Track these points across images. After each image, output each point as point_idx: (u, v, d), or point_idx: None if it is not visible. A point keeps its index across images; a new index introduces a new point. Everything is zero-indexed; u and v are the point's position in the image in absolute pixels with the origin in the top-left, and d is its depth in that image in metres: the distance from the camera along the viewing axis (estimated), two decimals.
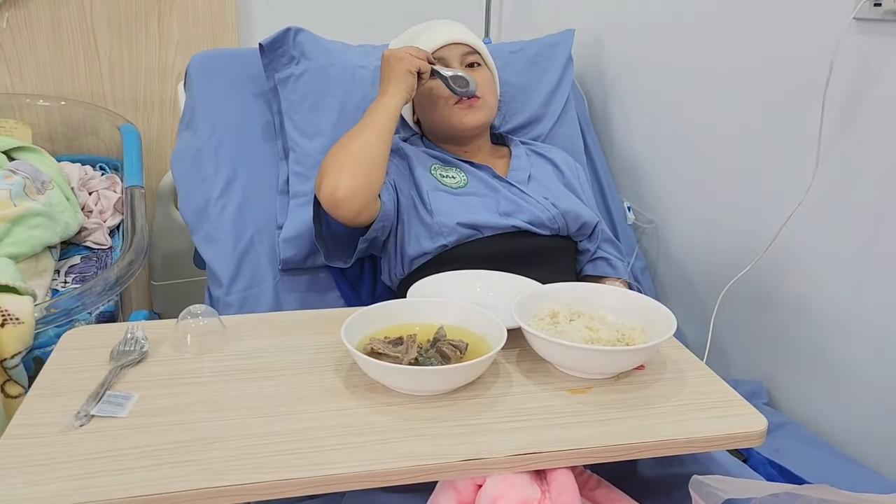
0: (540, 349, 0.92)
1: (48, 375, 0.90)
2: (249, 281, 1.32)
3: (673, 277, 1.62)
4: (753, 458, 1.22)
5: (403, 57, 1.21)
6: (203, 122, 1.40)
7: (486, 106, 1.29)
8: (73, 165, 1.71)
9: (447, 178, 1.26)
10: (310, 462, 0.76)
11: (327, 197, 1.10)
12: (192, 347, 0.96)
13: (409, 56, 1.21)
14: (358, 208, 1.12)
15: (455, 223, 1.19)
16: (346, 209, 1.11)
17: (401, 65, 1.20)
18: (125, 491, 0.70)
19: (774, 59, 1.31)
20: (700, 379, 0.94)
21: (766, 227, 1.31)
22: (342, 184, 1.10)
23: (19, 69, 1.85)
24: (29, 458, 0.74)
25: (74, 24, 1.86)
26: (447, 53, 1.30)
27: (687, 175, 1.54)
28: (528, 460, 0.78)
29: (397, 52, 1.22)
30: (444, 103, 1.28)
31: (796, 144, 1.27)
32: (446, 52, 1.30)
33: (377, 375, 0.88)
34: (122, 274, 1.32)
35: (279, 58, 1.40)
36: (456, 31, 1.32)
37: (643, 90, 1.65)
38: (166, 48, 1.93)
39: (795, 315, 1.32)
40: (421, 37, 1.33)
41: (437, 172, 1.27)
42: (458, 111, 1.28)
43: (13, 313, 1.09)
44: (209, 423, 0.81)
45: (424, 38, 1.32)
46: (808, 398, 1.32)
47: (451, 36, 1.31)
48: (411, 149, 1.32)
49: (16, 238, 1.33)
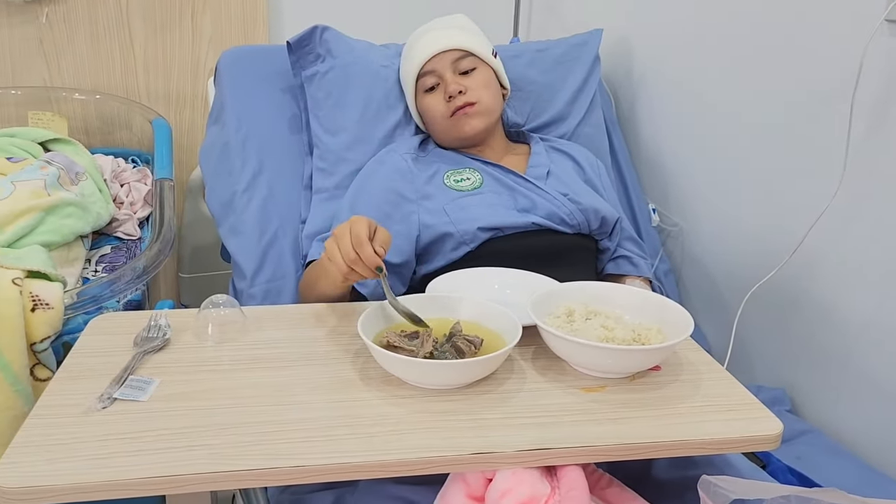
0: (554, 346, 0.92)
1: (74, 359, 0.93)
2: (273, 274, 1.34)
3: (697, 281, 1.60)
4: (773, 465, 1.20)
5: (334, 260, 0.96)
6: (231, 117, 1.42)
7: (483, 110, 1.28)
8: (106, 158, 1.75)
9: (462, 182, 1.26)
10: (321, 450, 0.77)
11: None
12: (213, 336, 0.98)
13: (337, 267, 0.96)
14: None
15: (476, 228, 1.19)
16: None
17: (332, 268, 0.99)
18: (141, 472, 0.72)
19: (803, 60, 1.29)
20: (716, 381, 0.93)
21: (793, 231, 1.30)
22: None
23: (57, 63, 1.90)
24: (52, 437, 0.77)
25: (111, 20, 1.90)
26: (438, 65, 1.30)
27: (713, 177, 1.53)
28: (539, 456, 0.79)
29: (331, 249, 0.97)
30: (440, 118, 1.30)
31: (824, 147, 1.26)
32: (437, 62, 1.30)
33: (392, 368, 0.88)
34: (149, 263, 1.34)
35: (306, 55, 1.41)
36: (445, 38, 1.31)
37: (670, 91, 1.63)
38: (199, 44, 1.97)
39: (820, 321, 1.30)
40: (414, 48, 1.35)
41: (450, 179, 1.27)
42: (454, 123, 1.28)
43: (43, 299, 1.12)
44: (226, 409, 0.83)
45: (416, 51, 1.33)
46: (832, 406, 1.30)
47: (441, 44, 1.30)
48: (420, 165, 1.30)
49: (49, 226, 1.36)
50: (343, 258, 0.94)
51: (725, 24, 1.47)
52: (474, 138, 1.30)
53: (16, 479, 0.70)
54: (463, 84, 1.27)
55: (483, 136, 1.31)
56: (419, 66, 1.31)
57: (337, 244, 0.95)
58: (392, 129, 1.42)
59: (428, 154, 1.34)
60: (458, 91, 1.27)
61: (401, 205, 1.23)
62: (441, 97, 1.29)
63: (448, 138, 1.32)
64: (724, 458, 1.01)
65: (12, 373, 1.08)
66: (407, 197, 1.24)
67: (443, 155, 1.33)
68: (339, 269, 0.95)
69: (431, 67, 1.30)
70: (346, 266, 0.95)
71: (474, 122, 1.28)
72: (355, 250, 0.94)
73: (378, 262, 0.94)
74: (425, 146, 1.36)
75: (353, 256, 0.94)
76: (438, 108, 1.29)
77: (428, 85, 1.31)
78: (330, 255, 0.96)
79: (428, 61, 1.30)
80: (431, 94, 1.31)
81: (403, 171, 1.27)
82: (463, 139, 1.30)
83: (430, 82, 1.31)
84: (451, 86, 1.27)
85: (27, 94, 1.86)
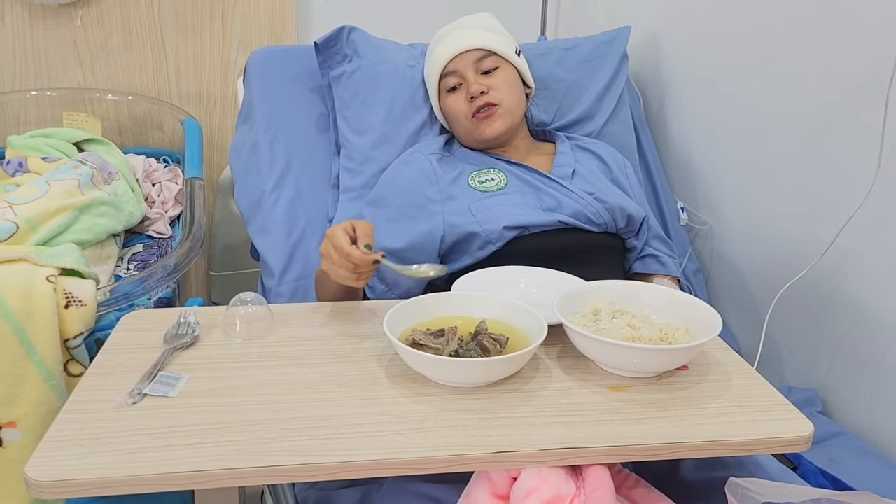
0: (580, 345, 0.91)
1: (106, 355, 0.95)
2: (301, 272, 1.35)
3: (726, 280, 1.58)
4: (804, 467, 1.18)
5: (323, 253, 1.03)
6: (260, 117, 1.44)
7: (505, 112, 1.28)
8: (139, 157, 1.78)
9: (486, 183, 1.26)
10: (347, 447, 0.77)
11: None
12: (241, 333, 0.99)
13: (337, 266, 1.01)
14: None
15: (502, 228, 1.19)
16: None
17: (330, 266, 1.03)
18: (170, 467, 0.74)
19: (835, 55, 1.27)
20: (745, 381, 0.92)
21: (825, 230, 1.27)
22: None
23: (91, 65, 1.94)
24: (83, 431, 0.78)
25: (143, 23, 1.93)
26: (460, 65, 1.30)
27: (743, 175, 1.51)
28: (564, 455, 0.78)
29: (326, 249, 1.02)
30: (462, 118, 1.30)
31: (857, 144, 1.23)
32: (459, 63, 1.30)
33: (417, 366, 0.89)
34: (179, 261, 1.36)
35: (333, 56, 1.42)
36: (468, 38, 1.31)
37: (699, 88, 1.62)
38: (229, 45, 1.99)
39: (853, 322, 1.28)
40: (436, 49, 1.35)
41: (475, 180, 1.26)
42: (476, 125, 1.28)
43: (77, 296, 1.14)
44: (253, 405, 0.84)
45: (439, 51, 1.33)
46: (866, 408, 1.28)
47: (463, 44, 1.30)
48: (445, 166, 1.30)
49: (82, 225, 1.39)
50: (346, 272, 1.00)
51: (755, 20, 1.45)
52: (496, 140, 1.30)
53: (48, 473, 0.72)
54: (485, 84, 1.27)
55: (505, 137, 1.31)
56: (441, 66, 1.32)
57: (332, 263, 1.01)
58: (418, 128, 1.42)
59: (453, 154, 1.34)
60: (480, 91, 1.26)
61: (425, 206, 1.23)
62: (463, 97, 1.29)
63: (470, 139, 1.32)
64: (753, 459, 1.00)
65: (46, 368, 1.11)
66: (431, 198, 1.24)
67: (468, 155, 1.33)
68: (348, 279, 1.01)
69: (454, 68, 1.30)
70: (353, 275, 1.01)
71: (496, 124, 1.27)
72: (348, 261, 0.99)
73: (372, 259, 1.00)
74: (450, 146, 1.37)
75: (351, 266, 1.00)
76: (461, 108, 1.29)
77: (450, 85, 1.31)
78: (334, 276, 1.02)
79: (450, 61, 1.31)
80: (454, 95, 1.31)
81: (428, 173, 1.27)
82: (484, 141, 1.30)
83: (453, 82, 1.31)
84: (473, 86, 1.27)
85: (62, 96, 1.90)
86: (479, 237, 1.19)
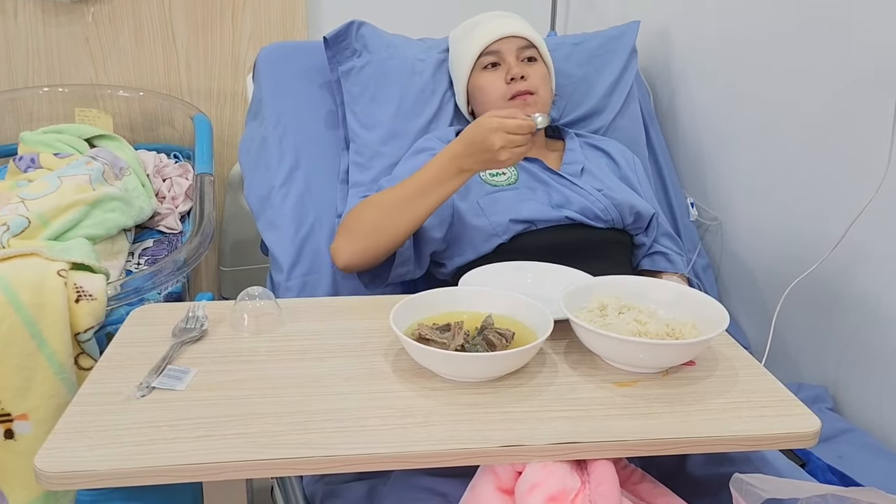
0: (586, 340, 0.91)
1: (115, 349, 0.95)
2: (309, 267, 1.35)
3: (736, 276, 1.58)
4: (813, 464, 1.18)
5: (504, 145, 1.05)
6: (269, 112, 1.45)
7: (539, 101, 1.29)
8: (149, 153, 1.79)
9: (497, 177, 1.26)
10: (353, 440, 0.78)
11: (331, 253, 1.23)
12: (249, 327, 1.00)
13: (511, 149, 1.06)
14: (356, 271, 1.21)
15: (508, 220, 1.19)
16: (344, 270, 1.21)
17: (498, 154, 1.06)
18: (178, 459, 0.74)
19: (846, 49, 1.26)
20: (753, 377, 0.92)
21: (835, 226, 1.27)
22: (343, 254, 1.19)
23: (103, 62, 1.95)
24: (93, 423, 0.79)
25: (154, 20, 1.94)
26: (503, 47, 1.30)
27: (753, 171, 1.50)
28: (569, 449, 0.78)
29: (499, 134, 1.05)
30: (497, 97, 1.29)
31: (867, 140, 1.22)
32: (502, 45, 1.30)
33: (423, 360, 0.89)
34: (189, 256, 1.37)
35: (342, 51, 1.43)
36: (513, 24, 1.32)
37: (709, 83, 1.61)
38: (239, 42, 2.00)
39: (864, 317, 1.27)
40: (476, 29, 1.34)
41: (485, 173, 1.27)
42: (512, 107, 1.28)
43: (87, 290, 1.15)
44: (260, 399, 0.85)
45: (480, 31, 1.33)
46: (876, 405, 1.27)
47: (509, 28, 1.31)
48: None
49: (93, 220, 1.40)
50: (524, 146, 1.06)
51: (765, 14, 1.44)
52: None
53: (57, 464, 0.72)
54: (526, 71, 1.28)
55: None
56: (484, 44, 1.31)
57: (514, 145, 1.05)
58: (427, 123, 1.42)
59: None
60: (521, 76, 1.27)
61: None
62: (501, 77, 1.29)
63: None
64: (761, 455, 0.99)
65: (57, 362, 1.12)
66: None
67: None
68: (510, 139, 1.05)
69: (497, 48, 1.31)
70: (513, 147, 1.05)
71: (530, 111, 1.27)
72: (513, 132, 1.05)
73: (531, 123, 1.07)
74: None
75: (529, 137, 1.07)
76: (497, 87, 1.29)
77: (488, 62, 1.31)
78: (497, 134, 1.04)
79: (495, 42, 1.31)
80: (490, 72, 1.31)
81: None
82: None
83: (491, 60, 1.31)
84: (515, 69, 1.28)
85: (74, 92, 1.92)
86: (484, 230, 1.19)
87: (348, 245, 1.18)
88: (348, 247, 1.18)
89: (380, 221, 1.15)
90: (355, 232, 1.17)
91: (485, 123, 1.06)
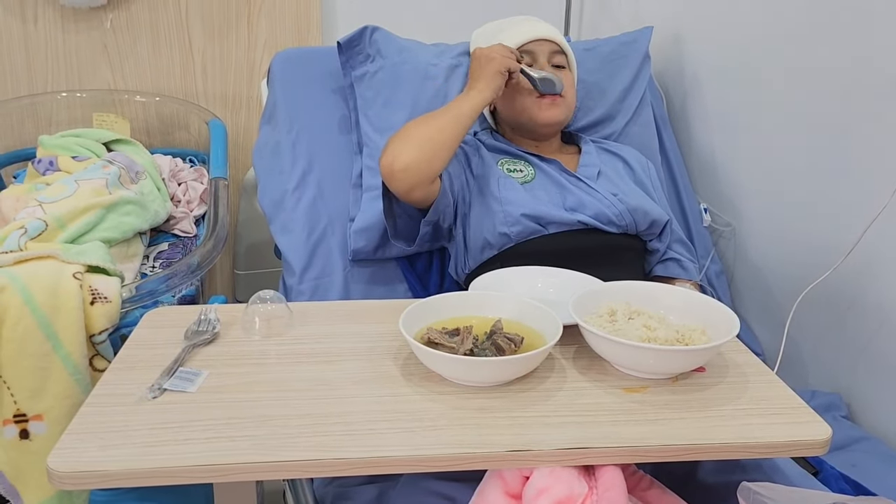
0: (595, 346, 0.91)
1: (128, 351, 0.97)
2: (321, 270, 1.36)
3: (749, 282, 1.57)
4: (825, 472, 1.16)
5: (494, 57, 1.22)
6: (283, 117, 1.46)
7: (566, 105, 1.31)
8: (165, 157, 1.81)
9: (515, 173, 1.27)
10: (361, 444, 0.78)
11: (386, 165, 1.14)
12: (260, 330, 1.01)
13: (499, 56, 1.22)
14: (412, 183, 1.14)
15: (520, 214, 1.20)
16: (400, 181, 1.14)
17: (491, 65, 1.21)
18: (188, 460, 0.75)
19: (861, 53, 1.25)
20: (763, 384, 0.91)
21: (849, 231, 1.26)
22: (402, 157, 1.13)
23: (121, 67, 1.97)
24: (105, 424, 0.80)
25: (171, 26, 1.96)
26: (536, 48, 1.31)
27: (766, 176, 1.49)
28: (577, 455, 0.78)
29: (488, 52, 1.23)
30: (528, 96, 1.30)
31: (881, 144, 1.21)
32: (535, 46, 1.31)
33: (432, 364, 0.89)
34: (203, 259, 1.38)
35: (356, 56, 1.44)
36: (547, 28, 1.34)
37: (722, 89, 1.60)
38: (255, 47, 2.01)
39: (878, 324, 1.26)
40: (508, 30, 1.35)
41: (504, 167, 1.28)
42: (540, 106, 1.29)
43: (102, 292, 1.16)
44: (270, 401, 0.85)
45: (512, 32, 1.33)
46: (891, 413, 1.26)
47: (540, 32, 1.33)
48: (480, 143, 1.33)
49: (109, 224, 1.42)
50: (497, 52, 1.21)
51: (778, 18, 1.43)
52: (551, 127, 1.31)
53: (69, 464, 0.73)
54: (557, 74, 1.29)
55: (556, 129, 1.33)
56: (521, 42, 1.32)
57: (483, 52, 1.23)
58: None
59: (485, 143, 1.35)
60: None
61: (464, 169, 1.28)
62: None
63: (524, 118, 1.32)
64: (772, 463, 0.99)
65: (72, 363, 1.13)
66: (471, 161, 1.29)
67: (500, 146, 1.34)
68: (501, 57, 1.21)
69: (531, 48, 1.32)
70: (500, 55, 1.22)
71: (557, 111, 1.29)
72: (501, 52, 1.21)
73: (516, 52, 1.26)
74: (481, 138, 1.37)
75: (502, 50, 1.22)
76: (529, 85, 1.29)
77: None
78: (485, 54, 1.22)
79: (530, 42, 1.32)
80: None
81: (471, 143, 1.33)
82: (540, 124, 1.31)
83: (525, 60, 1.31)
84: (548, 69, 1.30)
85: (92, 97, 1.94)
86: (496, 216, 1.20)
87: (405, 152, 1.14)
88: (406, 152, 1.14)
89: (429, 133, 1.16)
90: (409, 141, 1.16)
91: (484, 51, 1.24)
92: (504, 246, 1.21)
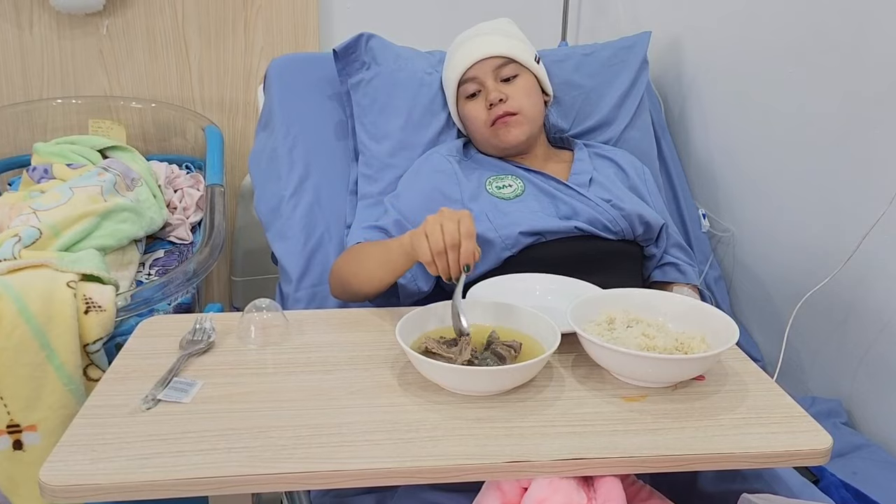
0: (594, 354, 0.90)
1: (122, 360, 0.96)
2: (318, 278, 1.35)
3: (749, 288, 1.56)
4: (826, 480, 1.16)
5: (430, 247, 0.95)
6: (279, 124, 1.45)
7: (524, 120, 1.28)
8: (161, 164, 1.80)
9: (504, 189, 1.25)
10: (358, 455, 0.77)
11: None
12: (256, 340, 1.00)
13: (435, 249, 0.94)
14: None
15: (517, 233, 1.19)
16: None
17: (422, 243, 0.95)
18: (182, 472, 0.74)
19: (859, 60, 1.25)
20: (763, 392, 0.90)
21: (848, 237, 1.25)
22: (331, 288, 1.22)
23: (117, 73, 1.97)
24: (97, 436, 0.79)
25: (167, 32, 1.96)
26: (478, 72, 1.29)
27: (765, 181, 1.48)
28: (575, 465, 0.78)
29: (432, 229, 0.95)
30: (481, 125, 1.30)
31: (881, 151, 1.21)
32: (477, 70, 1.30)
33: (430, 374, 0.88)
34: (199, 267, 1.38)
35: (352, 63, 1.43)
36: (486, 45, 1.30)
37: (721, 94, 1.60)
38: (251, 54, 2.01)
39: (878, 330, 1.25)
40: (455, 56, 1.34)
41: (492, 186, 1.26)
42: (495, 132, 1.28)
43: (96, 301, 1.16)
44: (265, 412, 0.84)
45: (458, 58, 1.33)
46: (892, 419, 1.25)
47: (481, 51, 1.29)
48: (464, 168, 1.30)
49: (105, 231, 1.41)
50: (443, 241, 0.92)
51: (778, 24, 1.43)
52: (516, 148, 1.30)
53: (61, 477, 0.72)
54: (504, 92, 1.27)
55: (525, 145, 1.30)
56: (461, 72, 1.31)
57: (441, 226, 0.93)
58: (436, 135, 1.42)
59: (471, 159, 1.34)
60: (500, 99, 1.26)
61: (446, 206, 1.23)
62: (482, 104, 1.29)
63: (489, 146, 1.32)
64: (773, 472, 0.98)
65: (66, 372, 1.12)
66: (452, 198, 1.24)
67: (486, 161, 1.33)
68: (433, 249, 0.93)
69: (473, 74, 1.30)
70: (442, 250, 0.93)
71: (515, 131, 1.27)
72: (459, 239, 0.92)
73: (473, 259, 0.94)
74: (468, 150, 1.37)
75: (455, 242, 0.92)
76: (479, 115, 1.29)
77: (469, 92, 1.31)
78: (429, 232, 0.94)
79: (469, 68, 1.30)
80: (472, 101, 1.31)
81: (449, 174, 1.27)
82: (504, 149, 1.30)
83: (472, 89, 1.31)
84: (493, 94, 1.27)
85: (88, 103, 1.94)
86: (494, 243, 1.19)
87: (333, 288, 1.21)
88: (334, 289, 1.21)
89: (356, 277, 1.14)
90: (338, 280, 1.19)
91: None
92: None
